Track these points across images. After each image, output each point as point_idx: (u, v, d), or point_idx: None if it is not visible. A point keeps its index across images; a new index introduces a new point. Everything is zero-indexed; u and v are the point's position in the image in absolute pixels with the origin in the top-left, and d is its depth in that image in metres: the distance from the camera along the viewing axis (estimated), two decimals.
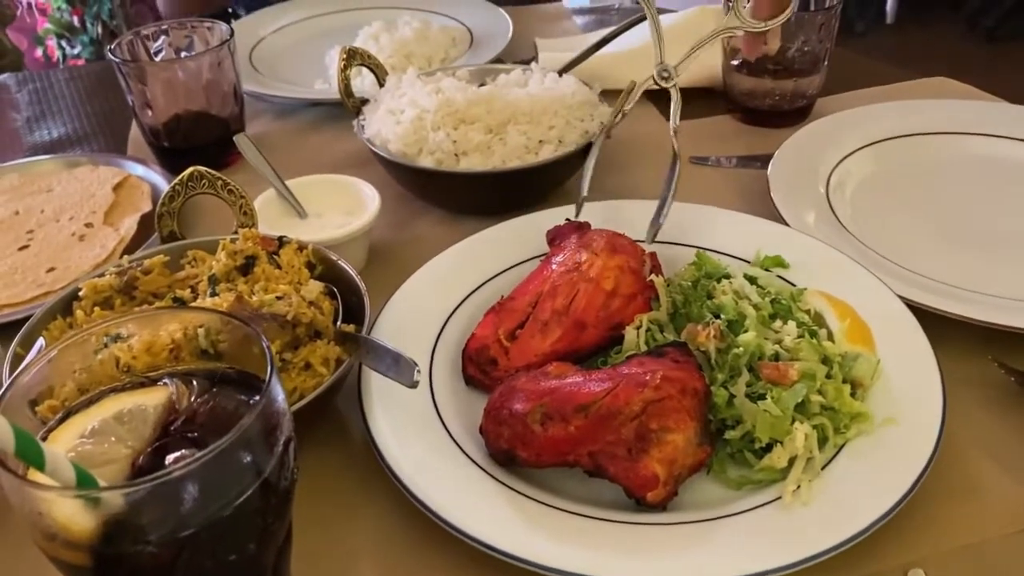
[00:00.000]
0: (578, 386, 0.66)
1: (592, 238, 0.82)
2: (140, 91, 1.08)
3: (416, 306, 0.82)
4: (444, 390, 0.75)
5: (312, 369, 0.70)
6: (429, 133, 0.97)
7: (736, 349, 0.70)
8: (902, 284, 0.80)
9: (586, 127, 1.00)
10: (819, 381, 0.68)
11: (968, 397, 0.74)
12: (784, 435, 0.65)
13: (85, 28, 2.66)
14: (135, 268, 0.78)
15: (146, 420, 0.48)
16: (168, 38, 1.13)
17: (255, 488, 0.44)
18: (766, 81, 1.13)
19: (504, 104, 0.99)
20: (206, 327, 0.59)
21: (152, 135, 1.12)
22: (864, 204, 0.97)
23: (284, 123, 1.25)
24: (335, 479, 0.71)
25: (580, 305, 0.76)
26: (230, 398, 0.50)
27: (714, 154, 1.12)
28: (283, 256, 0.79)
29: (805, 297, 0.77)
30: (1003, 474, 0.68)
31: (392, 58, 1.27)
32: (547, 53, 1.29)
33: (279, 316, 0.69)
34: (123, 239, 0.98)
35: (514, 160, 0.97)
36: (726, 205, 0.94)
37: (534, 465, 0.66)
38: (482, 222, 0.93)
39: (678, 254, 0.86)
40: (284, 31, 1.45)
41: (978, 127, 1.06)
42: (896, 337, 0.74)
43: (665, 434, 0.64)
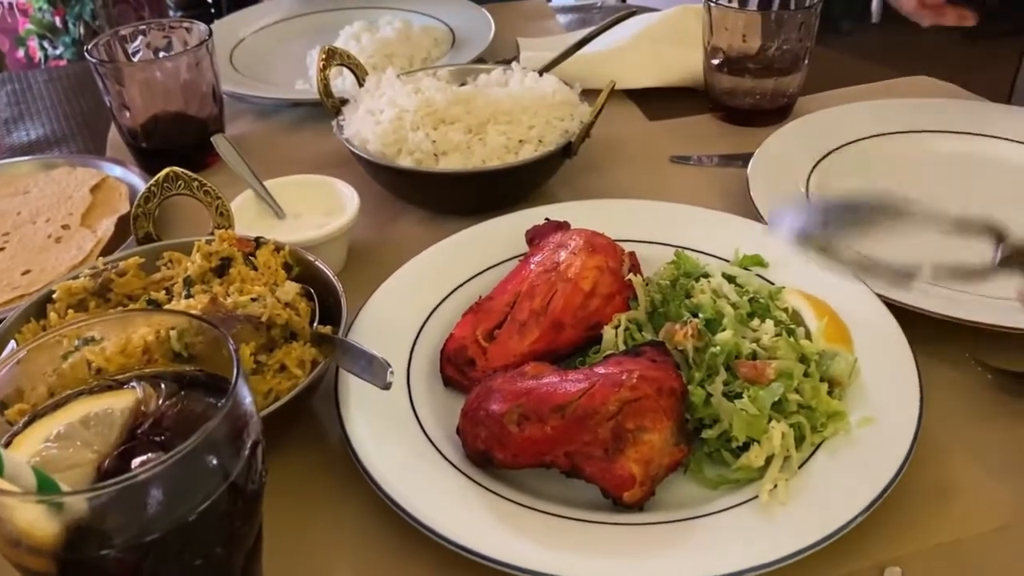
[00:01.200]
0: (555, 386, 0.66)
1: (571, 237, 0.82)
2: (117, 92, 1.07)
3: (395, 307, 0.82)
4: (422, 391, 0.75)
5: (287, 371, 0.69)
6: (408, 133, 0.96)
7: (713, 348, 0.70)
8: (880, 282, 0.80)
9: (566, 127, 1.00)
10: (796, 380, 0.68)
11: (946, 395, 0.74)
12: (761, 434, 0.65)
13: (67, 29, 2.64)
14: (110, 270, 0.77)
15: (112, 424, 0.48)
16: (146, 38, 1.13)
17: (222, 491, 0.44)
18: (746, 80, 1.13)
19: (484, 104, 0.99)
20: (179, 330, 0.58)
21: (130, 136, 1.11)
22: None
23: (264, 124, 1.25)
24: (312, 481, 0.70)
25: (558, 305, 0.76)
26: (198, 401, 0.49)
27: (696, 153, 1.12)
28: (260, 257, 0.78)
29: (783, 296, 0.77)
30: (980, 472, 0.68)
31: (373, 58, 1.26)
32: (528, 52, 1.29)
33: (253, 318, 0.69)
34: (100, 241, 0.97)
35: (494, 160, 0.96)
36: (708, 204, 0.94)
37: (511, 466, 0.66)
38: (462, 222, 0.92)
39: (658, 253, 0.86)
40: (265, 31, 1.44)
41: (959, 125, 1.07)
42: (874, 335, 0.74)
43: (642, 434, 0.64)
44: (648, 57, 1.25)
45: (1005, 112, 1.10)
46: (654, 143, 1.15)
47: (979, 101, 1.17)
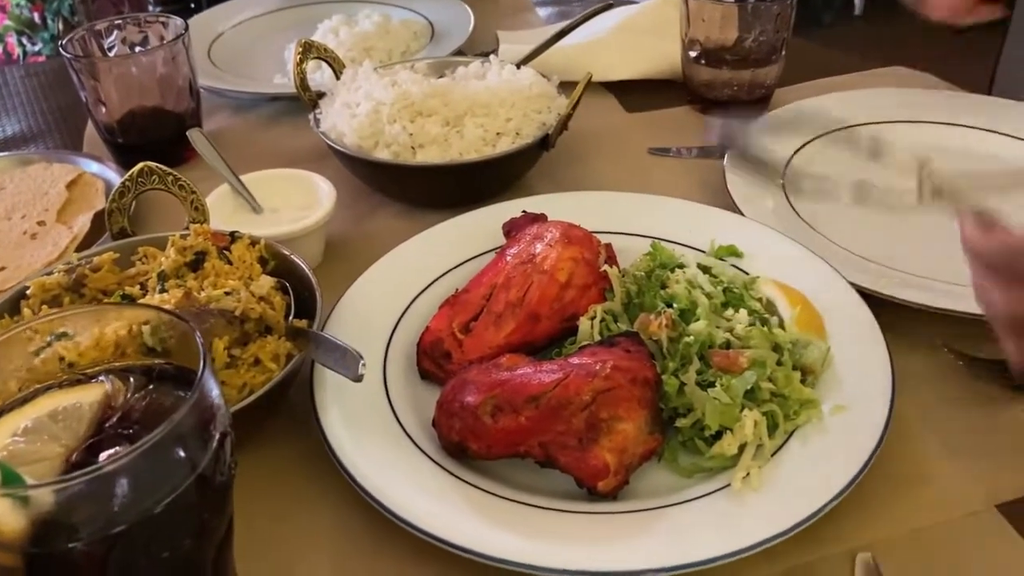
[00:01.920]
0: (529, 377, 0.66)
1: (547, 229, 0.82)
2: (93, 87, 1.06)
3: (372, 300, 0.82)
4: (399, 384, 0.75)
5: (262, 365, 0.69)
6: (385, 126, 0.96)
7: (687, 338, 0.70)
8: (855, 271, 0.81)
9: (543, 119, 1.00)
10: (769, 368, 0.68)
11: (919, 382, 0.74)
12: (733, 422, 0.65)
13: (46, 25, 2.62)
14: (84, 266, 0.77)
15: (81, 418, 0.48)
16: (122, 33, 1.12)
17: (189, 483, 0.44)
18: (724, 72, 1.13)
19: (461, 96, 0.99)
20: (151, 324, 0.58)
21: (106, 132, 1.10)
22: (820, 193, 0.97)
23: (243, 118, 1.24)
24: (288, 473, 0.70)
25: (534, 297, 0.76)
26: (167, 394, 0.49)
27: (674, 145, 1.12)
28: (235, 252, 0.78)
29: (757, 285, 0.78)
30: (951, 458, 0.69)
31: (352, 52, 1.26)
32: (507, 45, 1.29)
33: (227, 312, 0.68)
34: (76, 237, 0.96)
35: (471, 153, 0.96)
36: (686, 195, 0.94)
37: (485, 457, 0.66)
38: (440, 215, 0.92)
39: (634, 245, 0.86)
40: (243, 26, 1.44)
41: (934, 115, 1.07)
42: (847, 324, 0.74)
43: (615, 423, 0.64)
44: (626, 49, 1.25)
45: (977, 101, 1.10)
46: (633, 135, 1.16)
47: (953, 91, 1.18)
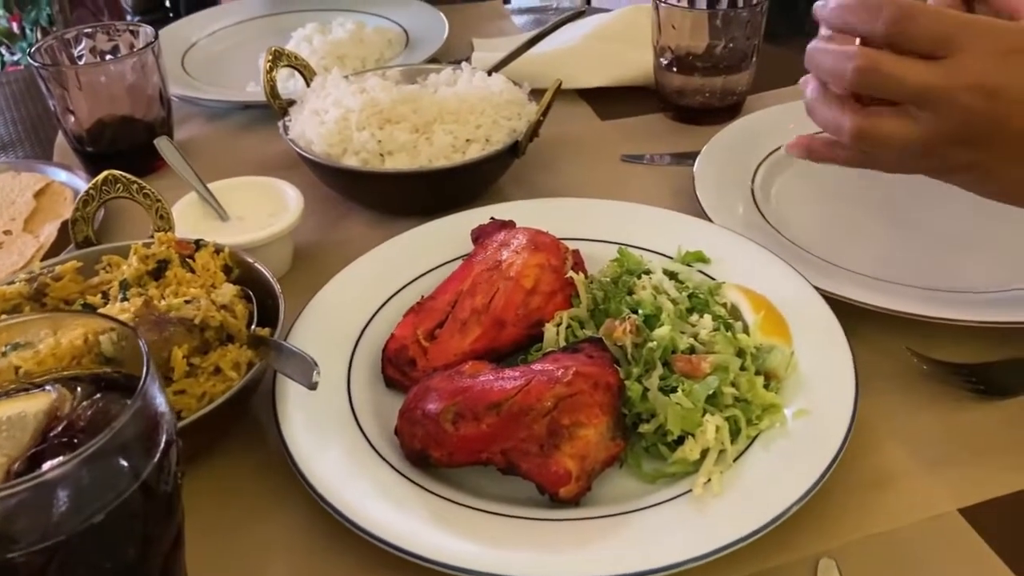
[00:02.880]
0: (490, 384, 0.66)
1: (514, 236, 0.82)
2: (61, 96, 1.05)
3: (337, 308, 0.81)
4: (363, 392, 0.75)
5: (222, 374, 0.68)
6: (354, 133, 0.96)
7: (651, 343, 0.70)
8: (821, 276, 0.81)
9: (513, 126, 1.00)
10: (732, 373, 0.68)
11: (883, 386, 0.74)
12: (695, 427, 0.65)
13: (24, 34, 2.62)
14: (46, 275, 0.76)
15: (25, 427, 0.47)
16: (92, 42, 1.11)
17: (132, 492, 0.43)
18: (695, 79, 1.13)
19: (430, 103, 0.99)
20: (111, 333, 0.57)
21: (76, 141, 1.09)
22: (789, 198, 0.98)
23: (215, 127, 1.24)
24: (249, 483, 0.70)
25: (499, 303, 0.76)
26: (115, 403, 0.49)
27: (647, 152, 1.12)
28: (199, 260, 0.78)
29: (722, 291, 0.78)
30: (915, 462, 0.69)
31: (325, 60, 1.26)
32: (480, 53, 1.29)
33: (187, 320, 0.68)
34: (42, 246, 0.96)
35: (441, 159, 0.96)
36: (658, 202, 0.94)
37: (447, 465, 0.66)
38: (410, 222, 0.92)
39: (603, 251, 0.86)
40: (218, 35, 1.43)
41: None
42: (812, 328, 0.74)
43: (577, 429, 0.64)
44: (599, 57, 1.25)
45: None
46: (606, 142, 1.16)
47: None
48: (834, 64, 0.65)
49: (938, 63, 0.61)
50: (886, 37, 0.62)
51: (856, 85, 0.65)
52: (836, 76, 0.65)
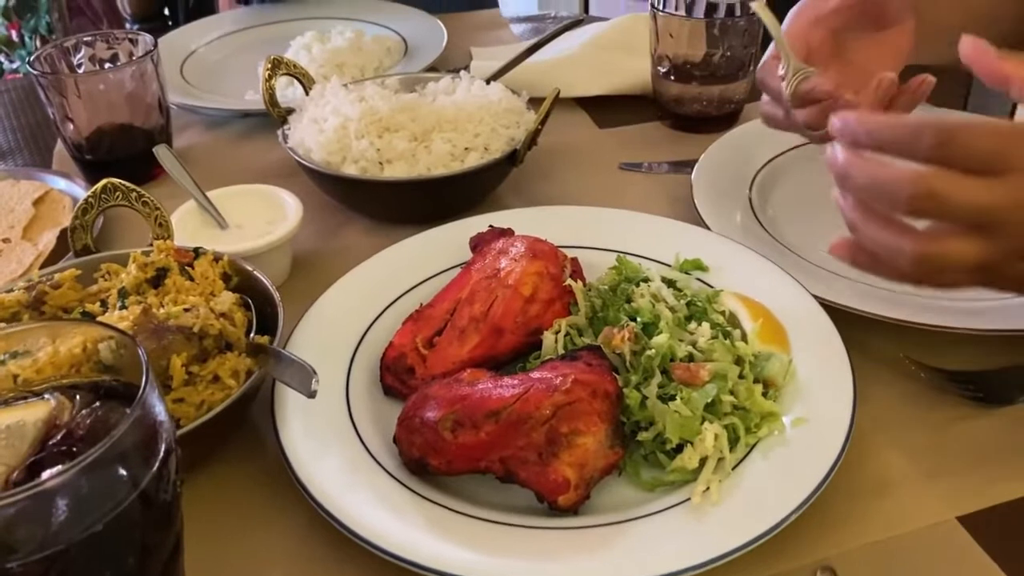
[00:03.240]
0: (489, 392, 0.66)
1: (512, 244, 0.82)
2: (60, 104, 1.06)
3: (336, 316, 0.81)
4: (362, 401, 0.75)
5: (221, 382, 0.68)
6: (353, 141, 0.96)
7: (649, 351, 0.70)
8: (819, 284, 0.81)
9: (512, 134, 1.00)
10: (731, 381, 0.68)
11: (881, 394, 0.74)
12: (694, 435, 0.65)
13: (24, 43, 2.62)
14: (44, 283, 0.76)
15: (24, 436, 0.47)
16: (91, 50, 1.12)
17: (131, 501, 0.43)
18: (693, 87, 1.14)
19: (429, 112, 0.99)
20: (111, 341, 0.57)
21: (75, 149, 1.10)
22: (786, 206, 0.98)
23: (214, 135, 1.24)
24: (248, 491, 0.70)
25: (498, 311, 0.76)
26: (114, 411, 0.49)
27: (645, 160, 1.13)
28: (198, 268, 0.78)
29: (721, 299, 0.78)
30: (913, 469, 0.69)
31: (324, 68, 1.26)
32: (479, 62, 1.29)
33: (185, 328, 0.68)
34: (41, 254, 0.96)
35: (439, 168, 0.96)
36: (656, 210, 0.95)
37: (446, 473, 0.66)
38: (409, 230, 0.92)
39: (601, 259, 0.86)
40: (217, 43, 1.44)
41: None
42: (810, 336, 0.75)
43: (576, 437, 0.64)
44: (597, 65, 1.25)
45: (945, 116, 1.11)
46: (604, 150, 1.16)
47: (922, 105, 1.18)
48: (880, 189, 0.59)
49: (994, 181, 0.57)
50: (930, 161, 0.58)
51: (911, 213, 0.60)
52: (884, 202, 0.60)
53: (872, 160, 0.60)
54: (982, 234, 0.58)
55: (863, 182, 0.60)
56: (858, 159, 0.60)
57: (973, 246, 0.58)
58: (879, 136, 0.59)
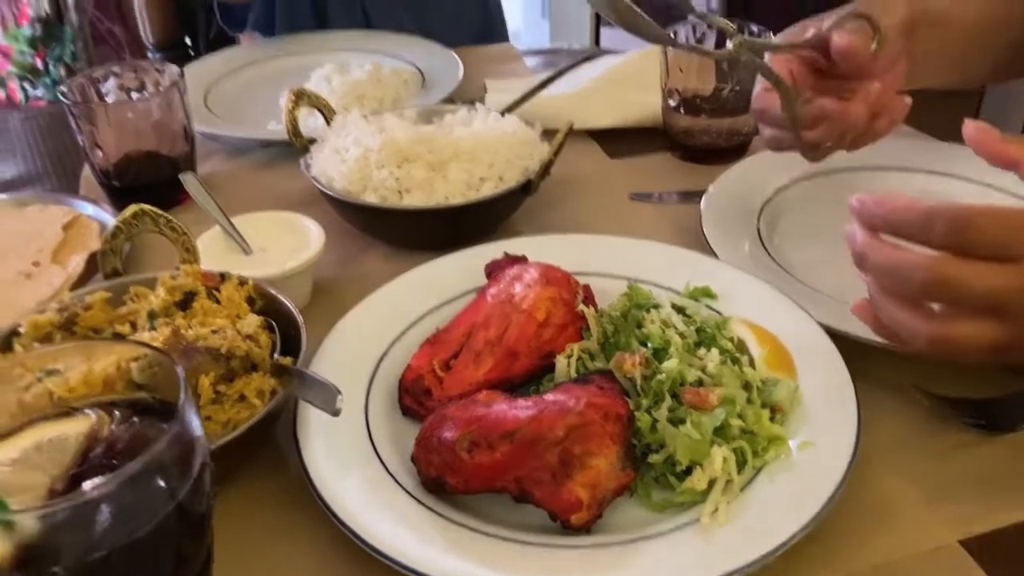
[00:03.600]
0: (504, 413, 0.68)
1: (526, 270, 0.85)
2: (90, 132, 1.09)
3: (356, 339, 0.84)
4: (381, 421, 0.77)
5: (246, 401, 0.71)
6: (373, 171, 0.99)
7: (660, 376, 0.72)
8: (825, 313, 0.83)
9: (526, 165, 1.03)
10: (739, 406, 0.70)
11: (885, 420, 0.76)
12: (703, 458, 0.67)
13: (48, 70, 2.68)
14: (76, 305, 0.79)
15: (66, 449, 0.50)
16: (119, 79, 1.15)
17: (169, 512, 0.46)
18: (702, 120, 1.17)
19: (446, 143, 1.02)
20: (140, 361, 0.60)
21: (103, 175, 1.13)
22: (794, 236, 1.01)
23: (236, 162, 1.27)
24: (270, 507, 0.72)
25: (512, 335, 0.79)
26: (151, 426, 0.51)
27: (655, 190, 1.15)
28: (224, 292, 0.81)
29: (729, 325, 0.80)
30: (916, 494, 0.71)
31: (344, 99, 1.30)
32: (493, 94, 1.33)
33: (213, 349, 0.71)
34: (70, 277, 0.99)
35: (456, 197, 0.99)
36: (665, 239, 0.97)
37: (463, 492, 0.68)
38: (426, 257, 0.95)
39: (613, 286, 0.89)
40: (240, 73, 1.48)
41: (905, 162, 1.11)
42: (816, 363, 0.77)
43: (588, 458, 0.66)
44: (609, 98, 1.29)
45: (948, 150, 1.14)
46: (615, 180, 1.19)
47: (927, 139, 1.21)
48: (895, 273, 0.61)
49: (1007, 267, 0.58)
50: (943, 247, 0.59)
51: (925, 297, 0.62)
52: (899, 285, 0.62)
53: (888, 244, 0.61)
54: (995, 317, 0.60)
55: (879, 265, 0.62)
56: (875, 241, 0.62)
57: (987, 329, 0.60)
58: (894, 220, 0.61)
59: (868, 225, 0.62)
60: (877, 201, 0.62)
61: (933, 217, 0.58)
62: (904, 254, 0.61)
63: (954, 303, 0.61)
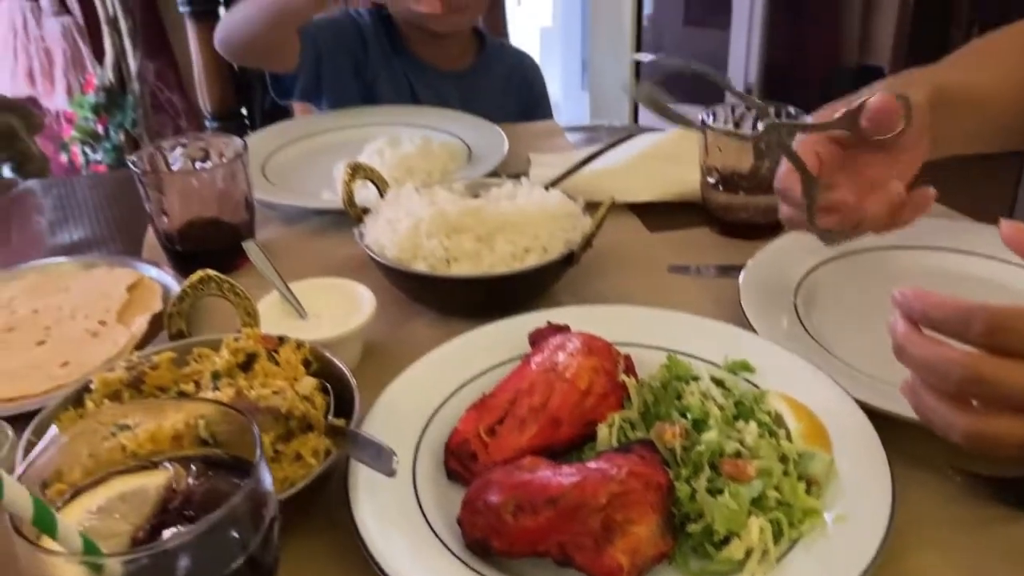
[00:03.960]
0: (549, 479, 0.71)
1: (569, 339, 0.88)
2: (157, 199, 1.16)
3: (404, 402, 0.88)
4: (427, 483, 0.80)
5: (303, 460, 0.75)
6: (423, 240, 1.04)
7: (699, 447, 0.75)
8: (861, 388, 0.85)
9: (569, 237, 1.08)
10: (776, 478, 0.72)
11: (920, 495, 0.78)
12: (741, 528, 0.69)
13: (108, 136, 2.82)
14: (144, 364, 0.84)
15: (147, 500, 0.54)
16: (185, 150, 1.22)
17: (241, 563, 0.49)
18: (740, 197, 1.21)
19: (493, 215, 1.07)
20: (206, 418, 0.64)
21: (167, 239, 1.19)
22: (830, 313, 1.03)
23: (292, 229, 1.34)
24: (322, 563, 0.75)
25: (556, 403, 0.82)
26: (224, 481, 0.55)
27: (693, 263, 1.19)
28: (282, 354, 0.85)
29: (767, 399, 0.83)
30: (951, 569, 0.71)
31: (395, 171, 1.36)
32: (537, 169, 1.38)
33: (274, 409, 0.75)
34: (134, 336, 1.04)
35: (501, 266, 1.04)
36: (702, 312, 1.00)
37: (507, 555, 0.70)
38: (472, 323, 0.99)
39: (652, 357, 0.92)
40: (296, 144, 1.55)
41: (941, 242, 1.13)
42: (851, 438, 0.79)
43: (629, 526, 0.68)
44: (649, 174, 1.34)
45: (982, 230, 1.16)
46: (654, 253, 1.23)
47: (963, 220, 1.24)
48: (933, 368, 0.63)
49: None
50: (980, 345, 0.60)
51: (962, 393, 0.63)
52: (937, 379, 0.64)
53: (927, 338, 0.63)
54: None
55: (917, 359, 0.64)
56: (915, 334, 0.64)
57: (1022, 427, 0.62)
58: (933, 316, 0.63)
59: (909, 318, 0.65)
60: (918, 295, 0.64)
61: (971, 315, 0.60)
62: (942, 349, 0.62)
63: (990, 400, 0.62)
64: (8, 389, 0.95)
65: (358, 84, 1.77)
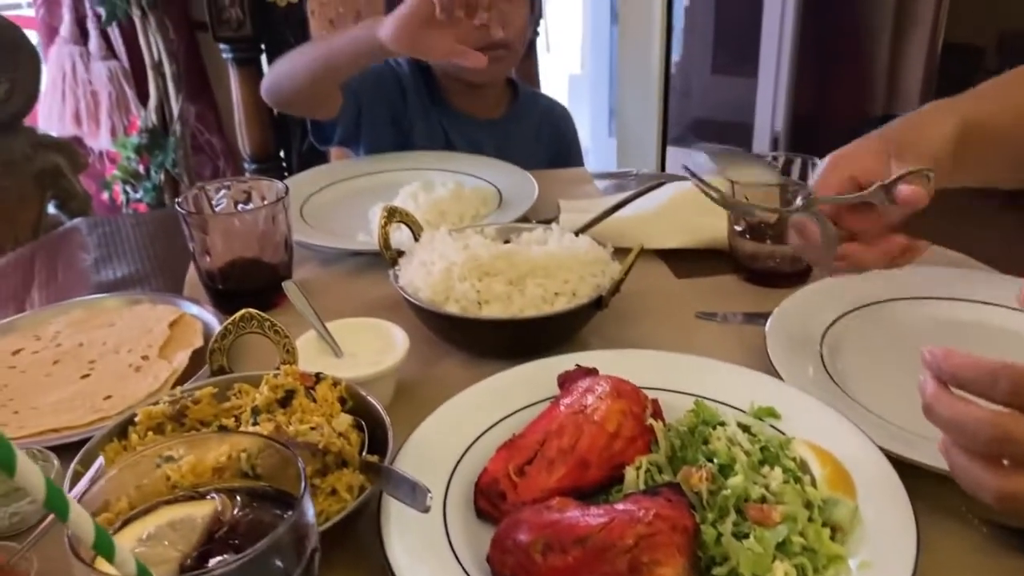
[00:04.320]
0: (577, 519, 0.72)
1: (598, 383, 0.90)
2: (201, 239, 1.20)
3: (436, 441, 0.90)
4: (457, 521, 0.82)
5: (338, 495, 0.77)
6: (456, 283, 1.07)
7: (725, 491, 0.76)
8: (886, 437, 0.86)
9: (598, 282, 1.10)
10: (800, 523, 0.74)
11: (944, 542, 0.78)
12: (766, 572, 0.70)
13: (149, 175, 2.90)
14: (186, 398, 0.87)
15: (194, 528, 0.56)
16: (229, 192, 1.27)
17: None
18: (767, 245, 1.23)
19: (524, 259, 1.10)
20: (248, 451, 0.67)
21: (208, 278, 1.23)
22: (856, 362, 1.04)
23: (328, 269, 1.37)
24: None
25: (584, 445, 0.84)
26: (267, 512, 0.58)
27: (720, 310, 1.21)
28: (319, 391, 0.88)
29: (792, 446, 0.84)
30: None
31: (428, 215, 1.40)
32: (567, 215, 1.41)
33: (311, 445, 0.77)
34: (175, 371, 1.08)
35: (531, 310, 1.06)
36: (729, 358, 1.02)
37: None
38: (501, 365, 1.01)
39: (679, 401, 0.93)
40: (333, 188, 1.60)
41: (966, 293, 1.14)
42: (876, 485, 0.80)
43: (656, 567, 0.70)
44: (677, 221, 1.36)
45: (1005, 282, 1.17)
46: (681, 299, 1.25)
47: (986, 270, 1.25)
48: (961, 428, 0.63)
49: None
50: (1008, 406, 0.61)
51: (990, 452, 0.63)
52: (966, 439, 0.64)
53: (955, 398, 0.63)
54: None
55: (946, 418, 0.64)
56: (943, 394, 0.64)
57: None
58: (961, 376, 0.63)
59: (938, 378, 0.65)
60: (945, 355, 0.64)
61: (996, 375, 0.61)
62: (971, 409, 0.62)
63: (1020, 460, 0.62)
64: (53, 420, 0.99)
65: (395, 132, 1.82)
